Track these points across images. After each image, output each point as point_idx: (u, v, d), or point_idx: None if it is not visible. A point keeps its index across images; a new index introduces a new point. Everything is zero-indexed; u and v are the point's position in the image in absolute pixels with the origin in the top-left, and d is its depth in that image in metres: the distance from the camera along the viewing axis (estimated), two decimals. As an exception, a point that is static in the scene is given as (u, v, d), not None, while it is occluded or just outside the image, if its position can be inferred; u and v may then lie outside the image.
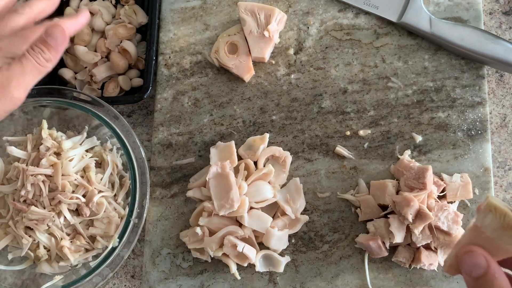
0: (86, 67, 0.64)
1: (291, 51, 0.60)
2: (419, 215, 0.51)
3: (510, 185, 0.59)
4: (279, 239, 0.55)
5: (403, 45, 0.59)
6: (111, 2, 0.66)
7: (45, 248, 0.56)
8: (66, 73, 0.64)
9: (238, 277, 0.55)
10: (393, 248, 0.55)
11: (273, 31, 0.58)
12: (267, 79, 0.60)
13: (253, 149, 0.57)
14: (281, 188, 0.57)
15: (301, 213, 0.56)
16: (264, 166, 0.57)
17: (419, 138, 0.57)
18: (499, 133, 0.60)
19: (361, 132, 0.58)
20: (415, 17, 0.57)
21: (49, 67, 0.46)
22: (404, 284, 0.55)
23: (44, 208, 0.54)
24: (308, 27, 0.60)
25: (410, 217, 0.51)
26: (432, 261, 0.52)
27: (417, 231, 0.51)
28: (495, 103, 0.61)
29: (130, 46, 0.62)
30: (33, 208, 0.53)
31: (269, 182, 0.56)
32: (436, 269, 0.54)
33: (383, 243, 0.53)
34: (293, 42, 0.60)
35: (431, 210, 0.52)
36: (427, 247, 0.53)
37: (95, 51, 0.64)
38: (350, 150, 0.57)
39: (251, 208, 0.55)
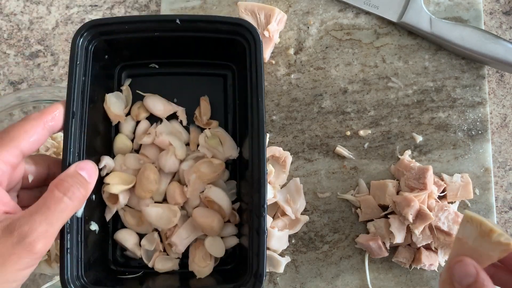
0: (155, 229, 0.45)
1: (291, 51, 0.60)
2: (420, 216, 0.51)
3: (511, 185, 0.59)
4: (279, 239, 0.55)
5: (403, 45, 0.59)
6: (181, 123, 0.47)
7: (45, 248, 0.55)
8: (128, 239, 0.44)
9: (238, 278, 0.55)
10: (394, 249, 0.55)
11: (273, 31, 0.57)
12: (267, 79, 0.60)
13: (253, 149, 0.57)
14: (281, 188, 0.57)
15: (301, 214, 0.56)
16: (264, 166, 0.56)
17: (419, 138, 0.57)
18: (499, 133, 0.60)
19: (361, 132, 0.57)
20: (415, 17, 0.57)
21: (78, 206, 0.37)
22: (405, 284, 0.55)
23: None
24: (308, 27, 0.60)
25: (410, 218, 0.51)
26: (433, 261, 0.52)
27: (417, 231, 0.51)
28: (495, 103, 0.60)
29: (220, 195, 0.42)
30: None
31: (269, 182, 0.56)
32: (436, 270, 0.54)
33: (383, 243, 0.53)
34: (293, 42, 0.60)
35: (432, 210, 0.52)
36: (428, 247, 0.53)
37: (165, 200, 0.44)
38: (350, 150, 0.57)
39: (251, 208, 0.55)
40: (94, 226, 0.43)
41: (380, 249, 0.53)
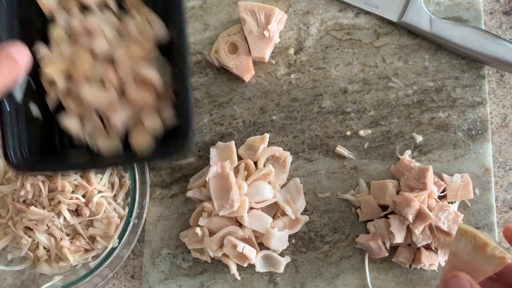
0: (95, 110, 0.46)
1: (291, 51, 0.60)
2: (420, 215, 0.51)
3: (511, 185, 0.59)
4: (279, 239, 0.55)
5: (403, 45, 0.59)
6: (111, 10, 0.48)
7: (44, 248, 0.55)
8: (71, 124, 0.46)
9: (238, 278, 0.55)
10: (394, 249, 0.55)
11: (273, 31, 0.57)
12: (267, 79, 0.60)
13: (253, 149, 0.57)
14: (281, 188, 0.57)
15: (301, 213, 0.56)
16: (264, 166, 0.56)
17: (419, 138, 0.57)
18: (499, 133, 0.60)
19: (361, 132, 0.57)
20: (415, 17, 0.57)
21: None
22: (405, 284, 0.55)
23: (44, 208, 0.54)
24: (308, 27, 0.60)
25: (410, 217, 0.51)
26: (433, 261, 0.52)
27: (417, 231, 0.51)
28: (495, 103, 0.60)
29: (152, 73, 0.44)
30: (32, 208, 0.53)
31: (269, 182, 0.56)
32: (436, 270, 0.53)
33: (384, 243, 0.53)
34: (293, 42, 0.60)
35: (432, 210, 0.52)
36: (428, 247, 0.53)
37: (101, 83, 0.46)
38: (350, 150, 0.57)
39: (251, 208, 0.55)
40: (35, 112, 0.45)
41: (380, 249, 0.53)
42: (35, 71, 0.44)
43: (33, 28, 0.46)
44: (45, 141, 0.46)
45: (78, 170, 0.49)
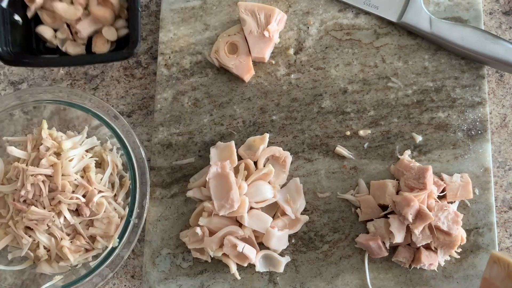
0: (65, 24, 0.60)
1: (291, 51, 0.60)
2: (419, 215, 0.51)
3: (510, 185, 0.59)
4: (279, 239, 0.55)
5: (403, 45, 0.59)
6: None
7: (45, 248, 0.55)
8: (46, 32, 0.60)
9: (238, 277, 0.55)
10: (393, 248, 0.55)
11: (273, 31, 0.58)
12: (267, 79, 0.60)
13: (253, 149, 0.57)
14: (281, 188, 0.57)
15: (301, 213, 0.56)
16: (264, 166, 0.57)
17: (419, 138, 0.57)
18: (499, 133, 0.60)
19: (361, 132, 0.58)
20: (415, 17, 0.57)
21: None
22: (404, 284, 0.55)
23: (44, 208, 0.54)
24: (308, 27, 0.60)
25: (410, 217, 0.51)
26: (432, 261, 0.52)
27: (417, 231, 0.51)
28: (495, 103, 0.61)
29: None
30: (33, 208, 0.53)
31: (269, 182, 0.56)
32: (436, 269, 0.54)
33: (383, 243, 0.53)
34: (293, 42, 0.60)
35: (431, 210, 0.52)
36: (427, 247, 0.53)
37: (72, 3, 0.59)
38: (350, 150, 0.57)
39: (251, 208, 0.55)
40: (17, 18, 0.59)
41: (380, 249, 0.53)
42: None
43: None
44: (25, 45, 0.60)
45: (51, 66, 0.60)
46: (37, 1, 0.59)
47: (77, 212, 0.55)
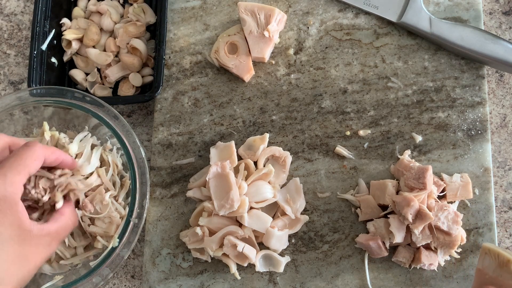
0: (96, 68, 0.64)
1: (291, 51, 0.60)
2: (419, 215, 0.51)
3: (510, 185, 0.59)
4: (279, 239, 0.55)
5: (403, 45, 0.59)
6: (119, 1, 0.66)
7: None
8: (78, 75, 0.64)
9: (238, 277, 0.55)
10: (393, 248, 0.55)
11: (273, 31, 0.58)
12: (267, 79, 0.60)
13: (253, 149, 0.57)
14: (281, 188, 0.57)
15: (301, 213, 0.56)
16: (264, 166, 0.57)
17: (419, 138, 0.57)
18: (499, 133, 0.60)
19: (361, 132, 0.58)
20: (415, 17, 0.57)
21: None
22: (404, 284, 0.55)
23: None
24: (308, 27, 0.60)
25: (410, 217, 0.51)
26: (432, 261, 0.52)
27: (417, 231, 0.51)
28: (495, 103, 0.61)
29: (140, 44, 0.62)
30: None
31: (269, 182, 0.56)
32: (436, 269, 0.54)
33: (383, 243, 0.53)
34: (293, 42, 0.60)
35: (431, 210, 0.52)
36: (427, 247, 0.53)
37: (104, 50, 0.64)
38: (350, 150, 0.58)
39: (251, 208, 0.55)
40: (54, 60, 0.63)
41: (380, 249, 0.53)
42: (59, 36, 0.64)
43: (61, 8, 0.65)
44: (57, 85, 0.63)
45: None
46: (73, 46, 0.64)
47: (78, 210, 0.55)
